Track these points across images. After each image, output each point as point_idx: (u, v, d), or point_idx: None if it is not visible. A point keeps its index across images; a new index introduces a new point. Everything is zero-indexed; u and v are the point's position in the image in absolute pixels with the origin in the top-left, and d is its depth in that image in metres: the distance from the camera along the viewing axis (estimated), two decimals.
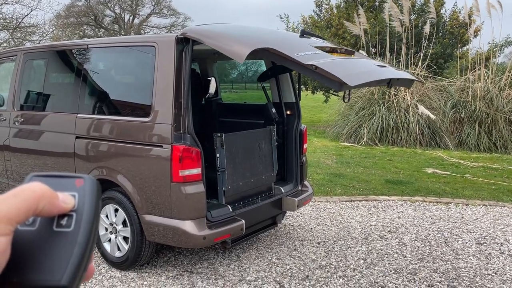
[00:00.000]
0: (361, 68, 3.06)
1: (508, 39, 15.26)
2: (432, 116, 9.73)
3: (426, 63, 10.93)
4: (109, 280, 3.45)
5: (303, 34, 3.44)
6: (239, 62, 2.88)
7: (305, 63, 2.64)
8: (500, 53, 15.65)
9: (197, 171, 3.18)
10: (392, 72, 3.24)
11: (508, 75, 10.52)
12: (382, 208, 5.42)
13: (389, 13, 10.98)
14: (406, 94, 10.35)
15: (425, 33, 10.92)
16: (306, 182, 4.33)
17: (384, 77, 3.11)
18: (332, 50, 3.23)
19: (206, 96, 4.98)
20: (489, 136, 9.91)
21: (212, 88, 4.24)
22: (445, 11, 16.48)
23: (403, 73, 3.46)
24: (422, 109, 9.73)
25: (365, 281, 3.46)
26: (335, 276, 3.55)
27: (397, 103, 10.32)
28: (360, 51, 11.26)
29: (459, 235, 4.53)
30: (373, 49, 11.80)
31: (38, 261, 0.42)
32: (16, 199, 0.41)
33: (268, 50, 2.80)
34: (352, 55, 3.45)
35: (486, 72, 10.53)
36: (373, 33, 13.56)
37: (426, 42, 11.36)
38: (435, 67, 12.29)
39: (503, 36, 18.24)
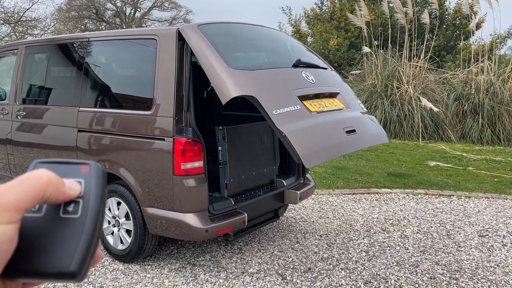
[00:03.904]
0: (328, 138, 3.07)
1: (510, 30, 15.15)
2: (435, 109, 9.69)
3: (428, 56, 10.87)
4: (112, 272, 3.47)
5: (298, 64, 3.43)
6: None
7: (278, 127, 2.72)
8: (503, 45, 15.56)
9: (199, 164, 3.18)
10: (358, 142, 3.29)
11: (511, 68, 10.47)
12: (384, 201, 5.42)
13: (392, 5, 10.91)
14: (408, 87, 10.30)
15: (425, 24, 10.85)
16: (308, 175, 4.33)
17: (346, 152, 3.27)
18: (315, 96, 3.28)
19: (208, 89, 4.98)
20: (492, 129, 9.87)
21: None
22: (449, 3, 16.40)
23: (371, 136, 3.49)
24: (425, 101, 9.70)
25: (367, 273, 3.47)
26: (337, 268, 3.56)
27: (400, 96, 10.28)
28: (363, 47, 11.22)
29: (462, 227, 4.53)
30: (375, 42, 11.73)
31: (45, 247, 0.42)
32: (23, 187, 0.41)
33: (252, 97, 2.81)
34: (335, 98, 3.49)
35: (489, 64, 10.47)
36: (376, 24, 13.49)
37: (429, 34, 11.30)
38: (438, 60, 12.23)
39: (504, 27, 18.12)
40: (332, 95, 3.51)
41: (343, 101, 3.54)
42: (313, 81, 3.35)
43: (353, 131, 3.20)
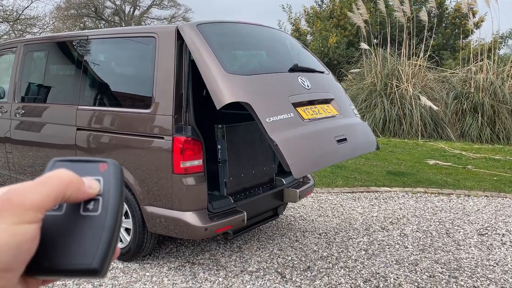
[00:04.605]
0: (318, 148, 3.11)
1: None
2: (435, 107, 9.69)
3: (428, 54, 10.87)
4: (111, 271, 3.47)
5: (294, 69, 3.44)
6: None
7: (270, 135, 2.75)
8: (504, 45, 15.58)
9: (198, 162, 3.18)
10: (348, 151, 3.33)
11: (511, 66, 10.46)
12: (383, 199, 5.42)
13: (391, 3, 10.90)
14: (408, 86, 10.30)
15: (423, 21, 10.85)
16: (307, 174, 4.32)
17: (336, 161, 3.34)
18: (309, 103, 3.32)
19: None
20: (491, 128, 9.87)
21: None
22: (450, 2, 16.41)
23: (362, 145, 3.55)
24: (424, 100, 9.70)
25: (367, 272, 3.47)
26: (336, 267, 3.55)
27: (399, 94, 10.28)
28: (361, 43, 11.22)
29: (461, 226, 4.53)
30: (375, 40, 11.71)
31: (67, 245, 0.43)
32: (44, 187, 0.41)
33: (246, 103, 2.84)
34: (329, 104, 3.54)
35: (488, 63, 10.46)
36: (373, 23, 13.48)
37: (428, 33, 11.30)
38: (437, 58, 12.23)
39: (502, 27, 18.13)
40: (327, 101, 3.55)
41: (337, 107, 3.58)
42: (308, 87, 3.37)
43: (344, 139, 3.26)
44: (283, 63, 3.70)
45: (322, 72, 3.93)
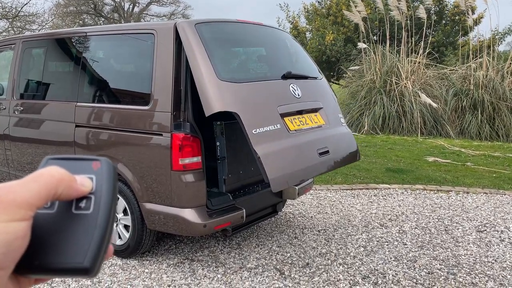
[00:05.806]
0: (300, 161, 3.14)
1: (510, 27, 15.16)
2: (434, 105, 9.68)
3: (427, 51, 10.85)
4: (110, 268, 3.47)
5: (287, 76, 3.46)
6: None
7: (254, 148, 2.82)
8: (502, 41, 15.57)
9: (197, 159, 3.18)
10: (330, 164, 3.39)
11: (510, 63, 10.45)
12: (382, 196, 5.43)
13: (389, 1, 10.87)
14: (407, 83, 10.29)
15: (423, 19, 10.83)
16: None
17: (316, 174, 3.44)
18: (298, 112, 3.36)
19: None
20: (491, 125, 9.87)
21: None
22: None
23: (344, 157, 3.62)
24: (423, 97, 9.69)
25: (365, 268, 3.48)
26: (335, 263, 3.56)
27: (399, 91, 10.27)
28: (359, 43, 11.20)
29: (460, 222, 4.54)
30: (374, 37, 11.69)
31: (58, 243, 0.42)
32: (35, 184, 0.41)
33: (235, 113, 2.89)
34: (317, 113, 3.58)
35: (488, 60, 10.45)
36: (373, 17, 13.46)
37: (428, 30, 11.28)
38: (436, 55, 12.21)
39: (500, 23, 18.13)
40: (315, 110, 3.60)
41: (325, 116, 3.64)
42: (298, 96, 3.42)
43: (327, 152, 3.33)
44: (278, 68, 3.71)
45: (315, 78, 3.94)
